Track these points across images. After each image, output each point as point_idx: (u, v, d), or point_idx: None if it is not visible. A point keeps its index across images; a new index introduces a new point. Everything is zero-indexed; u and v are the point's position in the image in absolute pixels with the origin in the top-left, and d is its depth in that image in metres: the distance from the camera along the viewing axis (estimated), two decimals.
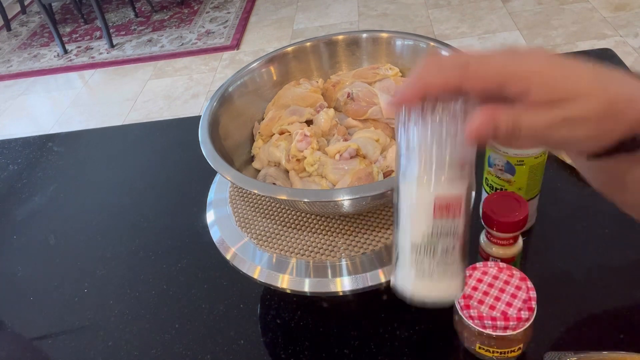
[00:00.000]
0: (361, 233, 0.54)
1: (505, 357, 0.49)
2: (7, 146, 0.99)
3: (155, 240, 0.73)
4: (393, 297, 0.33)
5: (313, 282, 0.51)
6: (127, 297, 0.65)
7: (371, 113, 0.60)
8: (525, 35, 2.33)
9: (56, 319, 0.65)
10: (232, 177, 0.50)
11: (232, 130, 0.61)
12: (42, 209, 0.83)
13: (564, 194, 0.67)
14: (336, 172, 0.54)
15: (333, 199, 0.46)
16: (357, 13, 2.82)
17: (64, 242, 0.76)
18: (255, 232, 0.57)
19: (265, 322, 0.59)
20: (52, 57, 2.98)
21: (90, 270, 0.70)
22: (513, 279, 0.48)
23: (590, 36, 2.24)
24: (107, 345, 0.60)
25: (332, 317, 0.58)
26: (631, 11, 2.35)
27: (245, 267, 0.54)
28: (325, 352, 0.55)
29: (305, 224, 0.56)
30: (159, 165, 0.88)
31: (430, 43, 0.63)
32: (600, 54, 0.93)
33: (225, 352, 0.57)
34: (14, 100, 2.66)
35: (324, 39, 0.68)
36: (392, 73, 0.65)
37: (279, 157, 0.58)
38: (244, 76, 0.64)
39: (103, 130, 1.05)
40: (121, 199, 0.82)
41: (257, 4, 3.14)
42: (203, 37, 2.87)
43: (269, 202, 0.60)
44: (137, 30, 3.10)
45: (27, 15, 3.60)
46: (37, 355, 0.61)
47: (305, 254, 0.53)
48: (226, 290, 0.63)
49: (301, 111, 0.62)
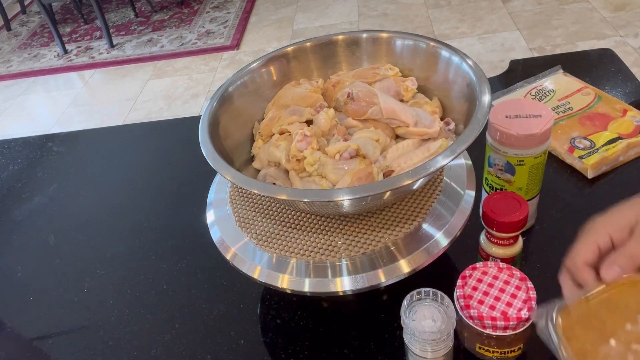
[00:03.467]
0: (361, 233, 0.54)
1: (505, 357, 0.49)
2: (7, 146, 0.99)
3: (155, 240, 0.73)
4: (393, 297, 0.33)
5: (313, 282, 0.51)
6: (127, 297, 0.65)
7: (371, 113, 0.60)
8: (525, 36, 2.33)
9: (56, 319, 0.65)
10: (232, 177, 0.50)
11: (232, 130, 0.61)
12: (42, 209, 0.83)
13: (564, 194, 0.67)
14: (336, 172, 0.54)
15: (333, 199, 0.46)
16: (357, 13, 2.82)
17: (64, 242, 0.76)
18: (255, 232, 0.57)
19: (265, 322, 0.59)
20: (52, 57, 2.98)
21: (90, 270, 0.70)
22: (513, 279, 0.48)
23: (590, 36, 2.24)
24: (107, 345, 0.60)
25: (332, 317, 0.58)
26: (631, 11, 2.35)
27: (245, 267, 0.54)
28: (325, 352, 0.55)
29: (305, 224, 0.56)
30: (159, 165, 0.88)
31: (430, 43, 0.63)
32: (600, 54, 0.93)
33: (225, 352, 0.57)
34: (14, 100, 2.66)
35: (324, 39, 0.68)
36: (392, 73, 0.65)
37: (279, 157, 0.58)
38: (244, 76, 0.64)
39: (103, 130, 1.05)
40: (121, 199, 0.82)
41: (257, 4, 3.14)
42: (203, 37, 2.87)
43: (269, 202, 0.60)
44: (137, 30, 3.10)
45: (27, 15, 3.60)
46: (37, 355, 0.61)
47: (305, 254, 0.53)
48: (226, 290, 0.63)
49: (301, 111, 0.62)
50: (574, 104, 0.78)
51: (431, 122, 0.59)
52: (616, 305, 0.38)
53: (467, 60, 0.57)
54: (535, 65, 0.92)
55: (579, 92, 0.80)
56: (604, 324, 0.37)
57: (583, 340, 0.37)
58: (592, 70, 0.88)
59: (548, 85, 0.83)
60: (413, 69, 0.66)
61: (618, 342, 0.35)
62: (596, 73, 0.88)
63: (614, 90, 0.83)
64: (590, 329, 0.37)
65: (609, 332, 0.36)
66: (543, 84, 0.84)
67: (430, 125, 0.59)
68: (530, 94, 0.82)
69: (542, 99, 0.81)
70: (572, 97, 0.80)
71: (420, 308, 0.45)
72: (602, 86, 0.83)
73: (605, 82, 0.85)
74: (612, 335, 0.36)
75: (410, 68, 0.66)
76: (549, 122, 0.54)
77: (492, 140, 0.57)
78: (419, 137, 0.59)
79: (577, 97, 0.79)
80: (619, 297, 0.38)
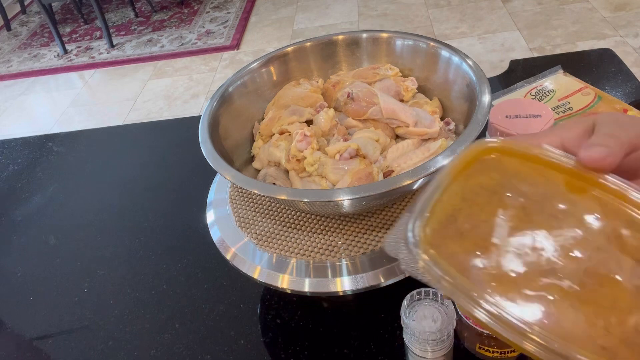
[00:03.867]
0: (361, 233, 0.54)
1: (505, 357, 0.49)
2: (7, 146, 0.99)
3: (155, 240, 0.73)
4: (393, 297, 0.33)
5: (313, 282, 0.51)
6: (127, 297, 0.65)
7: (371, 113, 0.60)
8: (525, 36, 2.33)
9: (56, 319, 0.65)
10: (232, 177, 0.50)
11: (232, 130, 0.61)
12: (42, 209, 0.83)
13: None
14: (336, 172, 0.54)
15: (333, 199, 0.46)
16: (357, 13, 2.82)
17: (64, 242, 0.76)
18: (255, 232, 0.57)
19: (265, 322, 0.59)
20: (52, 57, 2.98)
21: (90, 270, 0.70)
22: None
23: (590, 36, 2.24)
24: (107, 345, 0.60)
25: (332, 317, 0.58)
26: (631, 11, 2.35)
27: (245, 267, 0.54)
28: (325, 352, 0.55)
29: (305, 224, 0.56)
30: (158, 165, 0.88)
31: (430, 43, 0.63)
32: (600, 54, 0.93)
33: (225, 352, 0.57)
34: (14, 100, 2.66)
35: (324, 39, 0.68)
36: (392, 73, 0.65)
37: (279, 157, 0.58)
38: (244, 76, 0.64)
39: (103, 130, 1.05)
40: (121, 199, 0.82)
41: (257, 4, 3.14)
42: (203, 37, 2.87)
43: (269, 202, 0.60)
44: (137, 30, 3.10)
45: (27, 15, 3.60)
46: (37, 355, 0.61)
47: (305, 254, 0.53)
48: (226, 290, 0.63)
49: (301, 111, 0.62)
50: (574, 104, 0.78)
51: (431, 122, 0.59)
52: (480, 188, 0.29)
53: (467, 60, 0.57)
54: (535, 65, 0.92)
55: (579, 92, 0.80)
56: (472, 218, 0.28)
57: (456, 252, 0.27)
58: (592, 70, 0.88)
59: (548, 85, 0.83)
60: (413, 69, 0.66)
61: (502, 239, 0.27)
62: (596, 73, 0.88)
63: (614, 90, 0.83)
64: (457, 231, 0.28)
65: (483, 228, 0.27)
66: (543, 84, 0.84)
67: (430, 125, 0.59)
68: (530, 94, 0.82)
69: (542, 99, 0.81)
70: (572, 97, 0.80)
71: (420, 308, 0.45)
72: (602, 86, 0.83)
73: (605, 82, 0.85)
74: (490, 232, 0.27)
75: (410, 68, 0.66)
76: (549, 122, 0.54)
77: None
78: (419, 137, 0.59)
79: (577, 97, 0.79)
80: (477, 177, 0.29)
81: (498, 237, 0.27)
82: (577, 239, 0.27)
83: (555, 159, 0.29)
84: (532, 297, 0.25)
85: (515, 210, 0.28)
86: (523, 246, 0.27)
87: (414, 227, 0.27)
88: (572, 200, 0.28)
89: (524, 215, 0.28)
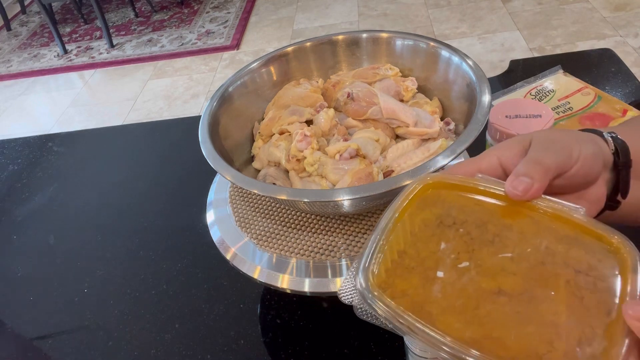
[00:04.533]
0: (361, 233, 0.54)
1: None
2: (7, 146, 0.99)
3: (155, 240, 0.73)
4: None
5: (313, 282, 0.51)
6: (127, 297, 0.65)
7: (371, 113, 0.60)
8: (525, 36, 2.33)
9: (56, 319, 0.65)
10: (232, 177, 0.50)
11: (232, 130, 0.61)
12: (42, 209, 0.83)
13: None
14: (336, 172, 0.54)
15: (333, 199, 0.46)
16: (357, 13, 2.82)
17: (64, 242, 0.76)
18: (255, 232, 0.57)
19: (265, 322, 0.59)
20: (52, 57, 2.98)
21: (90, 270, 0.70)
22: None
23: (590, 36, 2.24)
24: (107, 345, 0.60)
25: (332, 317, 0.58)
26: (631, 11, 2.35)
27: (245, 267, 0.54)
28: (325, 352, 0.55)
29: (305, 224, 0.56)
30: (158, 165, 0.88)
31: (430, 43, 0.63)
32: (600, 54, 0.93)
33: (225, 352, 0.57)
34: (14, 100, 2.66)
35: (324, 39, 0.68)
36: (392, 73, 0.65)
37: (279, 157, 0.58)
38: (244, 76, 0.64)
39: (103, 130, 1.05)
40: (121, 199, 0.82)
41: (257, 4, 3.14)
42: (203, 37, 2.87)
43: (269, 202, 0.60)
44: (137, 30, 3.10)
45: (27, 15, 3.60)
46: (37, 355, 0.61)
47: (305, 254, 0.53)
48: (226, 290, 0.63)
49: (301, 111, 0.62)
50: (574, 104, 0.78)
51: (431, 122, 0.59)
52: (416, 227, 0.30)
53: (467, 60, 0.57)
54: (535, 65, 0.92)
55: (579, 92, 0.80)
56: (418, 254, 0.29)
57: (406, 289, 0.28)
58: (592, 70, 0.88)
59: (548, 85, 0.83)
60: (413, 69, 0.66)
61: (446, 269, 0.28)
62: (596, 73, 0.88)
63: (614, 90, 0.83)
64: (406, 269, 0.29)
65: (428, 262, 0.29)
66: (543, 84, 0.84)
67: (430, 125, 0.59)
68: (530, 94, 0.82)
69: (542, 99, 0.81)
70: (572, 97, 0.80)
71: None
72: (602, 86, 0.83)
73: (605, 82, 0.85)
74: (435, 265, 0.29)
75: (410, 68, 0.66)
76: (549, 122, 0.54)
77: (492, 140, 0.57)
78: (419, 137, 0.59)
79: (577, 97, 0.79)
80: (411, 218, 0.31)
81: (442, 270, 0.29)
82: (516, 260, 0.28)
83: (489, 188, 0.31)
84: (478, 323, 0.26)
85: (456, 240, 0.30)
86: (466, 275, 0.28)
87: (364, 272, 0.29)
88: (508, 225, 0.30)
89: (464, 244, 0.30)
